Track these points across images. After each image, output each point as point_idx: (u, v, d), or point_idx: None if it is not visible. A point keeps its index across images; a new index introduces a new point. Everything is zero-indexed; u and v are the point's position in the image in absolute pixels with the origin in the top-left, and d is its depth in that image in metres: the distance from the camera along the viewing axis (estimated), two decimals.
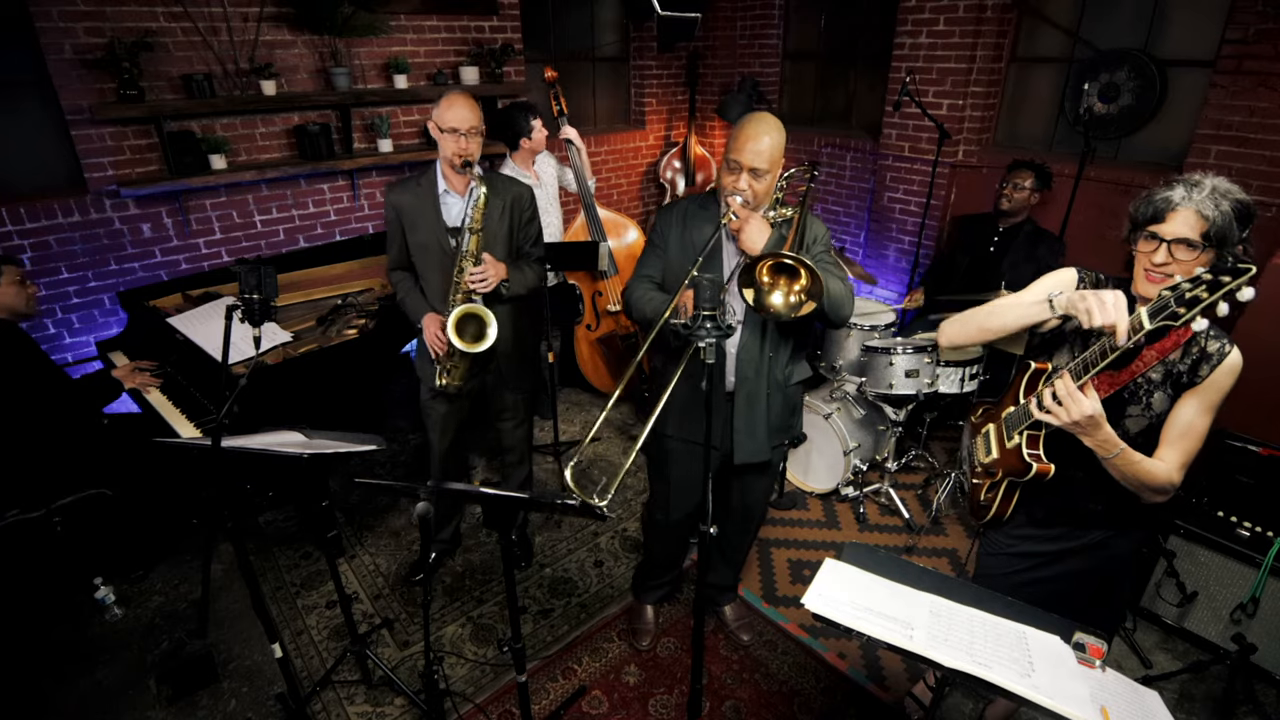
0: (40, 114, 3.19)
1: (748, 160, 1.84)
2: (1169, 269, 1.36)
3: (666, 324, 1.79)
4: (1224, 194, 1.33)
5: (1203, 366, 1.40)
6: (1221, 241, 1.32)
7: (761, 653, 2.51)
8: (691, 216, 2.03)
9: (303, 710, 2.14)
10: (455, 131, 2.18)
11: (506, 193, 2.37)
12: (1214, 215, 1.31)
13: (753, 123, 1.87)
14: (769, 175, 1.88)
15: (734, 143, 1.87)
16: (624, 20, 5.17)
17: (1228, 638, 2.36)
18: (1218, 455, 2.52)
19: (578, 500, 1.47)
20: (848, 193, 4.88)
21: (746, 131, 1.86)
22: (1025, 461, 1.56)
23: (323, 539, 2.36)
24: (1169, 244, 1.35)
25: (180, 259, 3.62)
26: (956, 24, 3.92)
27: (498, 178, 2.39)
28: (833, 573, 1.36)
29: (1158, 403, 1.46)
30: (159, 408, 2.74)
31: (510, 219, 2.38)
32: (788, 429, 2.21)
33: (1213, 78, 3.14)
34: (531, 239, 2.49)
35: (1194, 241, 1.33)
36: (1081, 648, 1.23)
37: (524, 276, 2.42)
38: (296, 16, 3.57)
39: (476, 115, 2.20)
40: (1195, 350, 1.41)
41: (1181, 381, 1.43)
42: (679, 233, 2.04)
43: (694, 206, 2.05)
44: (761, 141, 1.84)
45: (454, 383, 2.38)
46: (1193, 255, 1.34)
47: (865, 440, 3.30)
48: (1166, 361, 1.43)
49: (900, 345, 3.07)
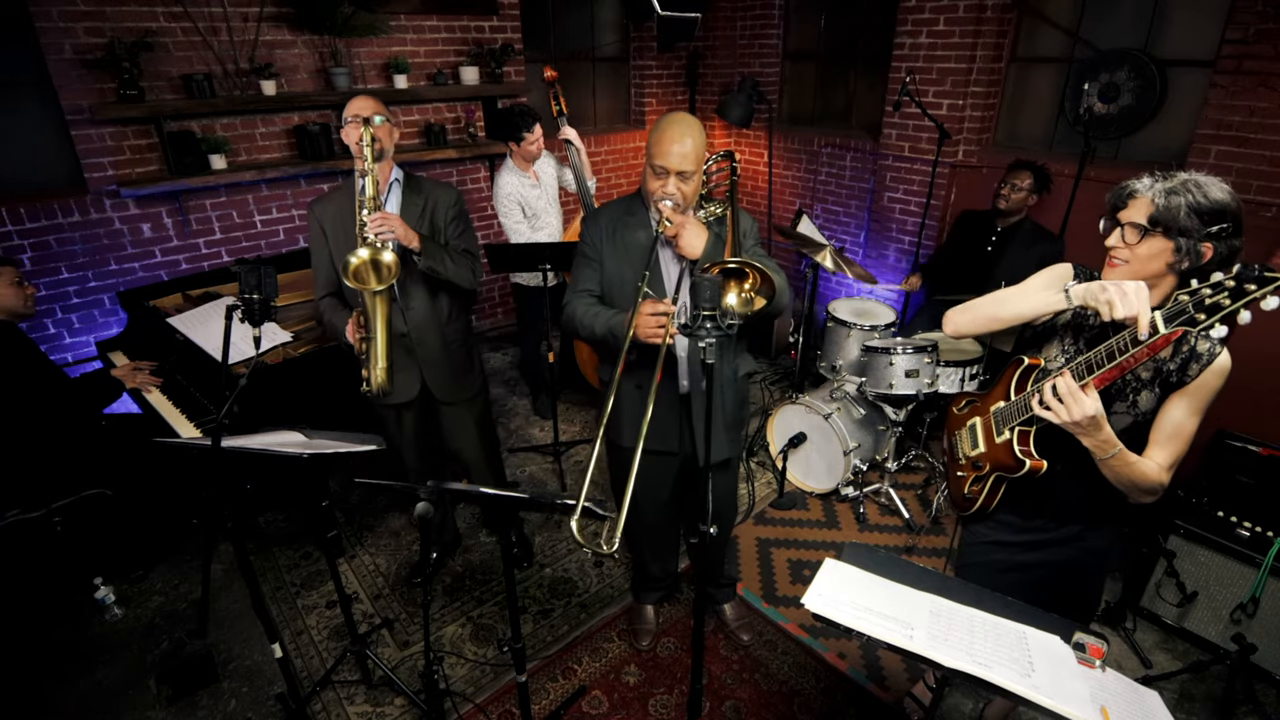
0: (40, 114, 3.19)
1: (674, 164, 1.81)
2: (1121, 253, 1.40)
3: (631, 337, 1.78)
4: (1194, 186, 1.34)
5: (1192, 365, 1.40)
6: (1168, 228, 1.33)
7: (761, 653, 2.51)
8: (620, 224, 1.99)
9: (303, 710, 2.14)
10: (359, 121, 2.09)
11: (430, 194, 2.29)
12: (1161, 204, 1.34)
13: (674, 125, 1.83)
14: (695, 176, 1.87)
15: (657, 147, 1.83)
16: (624, 20, 5.17)
17: (1228, 638, 2.36)
18: (1218, 455, 2.52)
19: (578, 505, 1.47)
20: (848, 193, 4.88)
21: (669, 134, 1.82)
22: (1017, 458, 1.56)
23: (323, 539, 2.35)
24: (1122, 227, 1.40)
25: (180, 259, 3.62)
26: (956, 24, 3.92)
27: (424, 181, 2.33)
28: (833, 573, 1.36)
29: (1144, 401, 1.46)
30: (159, 408, 2.74)
31: (431, 220, 2.28)
32: (741, 423, 2.23)
33: (1213, 78, 3.14)
34: (457, 234, 2.35)
35: (1140, 224, 1.36)
36: (1081, 648, 1.23)
37: (445, 257, 2.22)
38: (296, 16, 3.57)
39: (373, 105, 2.13)
40: (1185, 349, 1.41)
41: (1170, 381, 1.42)
42: (611, 243, 2.00)
43: (619, 213, 2.01)
44: (685, 144, 1.81)
45: (381, 382, 2.19)
46: (1136, 238, 1.37)
47: (865, 440, 3.30)
48: (1157, 359, 1.43)
49: (900, 345, 3.07)
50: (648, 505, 2.25)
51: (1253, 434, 2.49)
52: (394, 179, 2.26)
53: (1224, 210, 1.32)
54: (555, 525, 3.18)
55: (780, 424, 3.46)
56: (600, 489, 3.46)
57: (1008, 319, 1.59)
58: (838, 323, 3.42)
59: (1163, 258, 1.36)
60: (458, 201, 2.36)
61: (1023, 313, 1.56)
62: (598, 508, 1.46)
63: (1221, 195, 1.33)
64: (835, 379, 3.41)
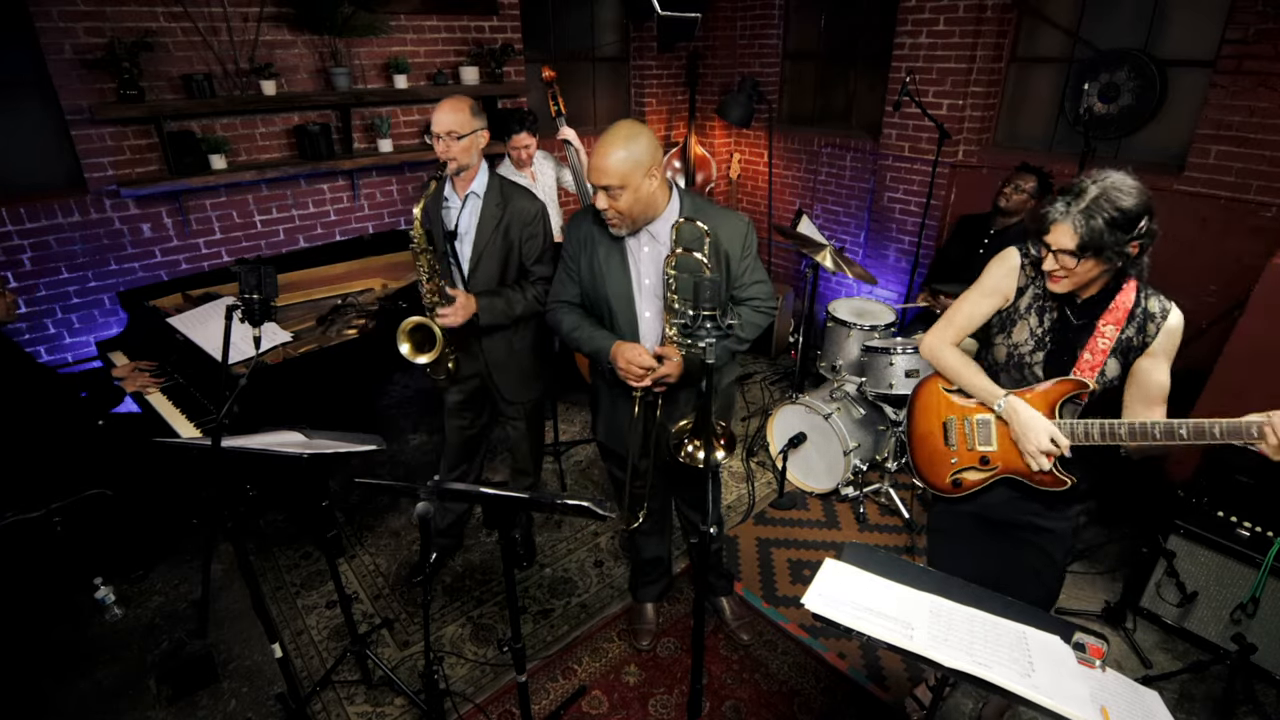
0: (40, 114, 3.19)
1: (597, 179, 1.76)
2: (1060, 273, 1.51)
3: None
4: (1105, 203, 1.42)
5: (1150, 325, 1.51)
6: (1097, 250, 1.44)
7: (761, 653, 2.51)
8: (596, 241, 1.96)
9: (303, 710, 2.14)
10: (435, 135, 2.18)
11: (512, 207, 2.29)
12: (1084, 230, 1.43)
13: (603, 138, 1.76)
14: (626, 190, 1.76)
15: (590, 161, 1.80)
16: (624, 20, 5.17)
17: (1228, 638, 2.36)
18: (1218, 455, 2.52)
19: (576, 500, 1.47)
20: (848, 193, 4.88)
21: (596, 149, 1.76)
22: (1056, 477, 1.61)
23: (323, 539, 2.35)
24: (1054, 253, 1.49)
25: (180, 259, 3.62)
26: (956, 24, 3.92)
27: (511, 191, 2.32)
28: (833, 573, 1.36)
29: (1110, 369, 1.57)
30: (159, 408, 2.74)
31: (508, 234, 2.30)
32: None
33: (1213, 78, 3.14)
34: (534, 256, 2.36)
35: (1071, 251, 1.46)
36: (1081, 648, 1.23)
37: (503, 304, 2.29)
38: (296, 16, 3.57)
39: (451, 119, 2.15)
40: (1139, 314, 1.52)
41: (1133, 344, 1.53)
42: (586, 258, 1.98)
43: (596, 229, 1.96)
44: (608, 158, 1.73)
45: (438, 377, 2.38)
46: (1074, 263, 1.47)
47: (865, 440, 3.30)
48: (1121, 330, 1.55)
49: (900, 345, 3.08)
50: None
51: None
52: (471, 191, 2.27)
53: (1139, 214, 1.42)
54: (555, 525, 3.18)
55: (780, 424, 3.46)
56: (600, 489, 3.46)
57: (959, 385, 1.77)
58: (838, 323, 3.42)
59: (1099, 267, 1.49)
60: (536, 217, 2.32)
61: (969, 389, 1.74)
62: (598, 508, 1.46)
63: (1132, 202, 1.42)
64: (835, 379, 3.41)
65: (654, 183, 1.81)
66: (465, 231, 2.30)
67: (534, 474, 2.80)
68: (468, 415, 2.61)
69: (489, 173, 2.31)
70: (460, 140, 2.16)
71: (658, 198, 1.85)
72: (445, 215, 2.31)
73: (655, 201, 1.85)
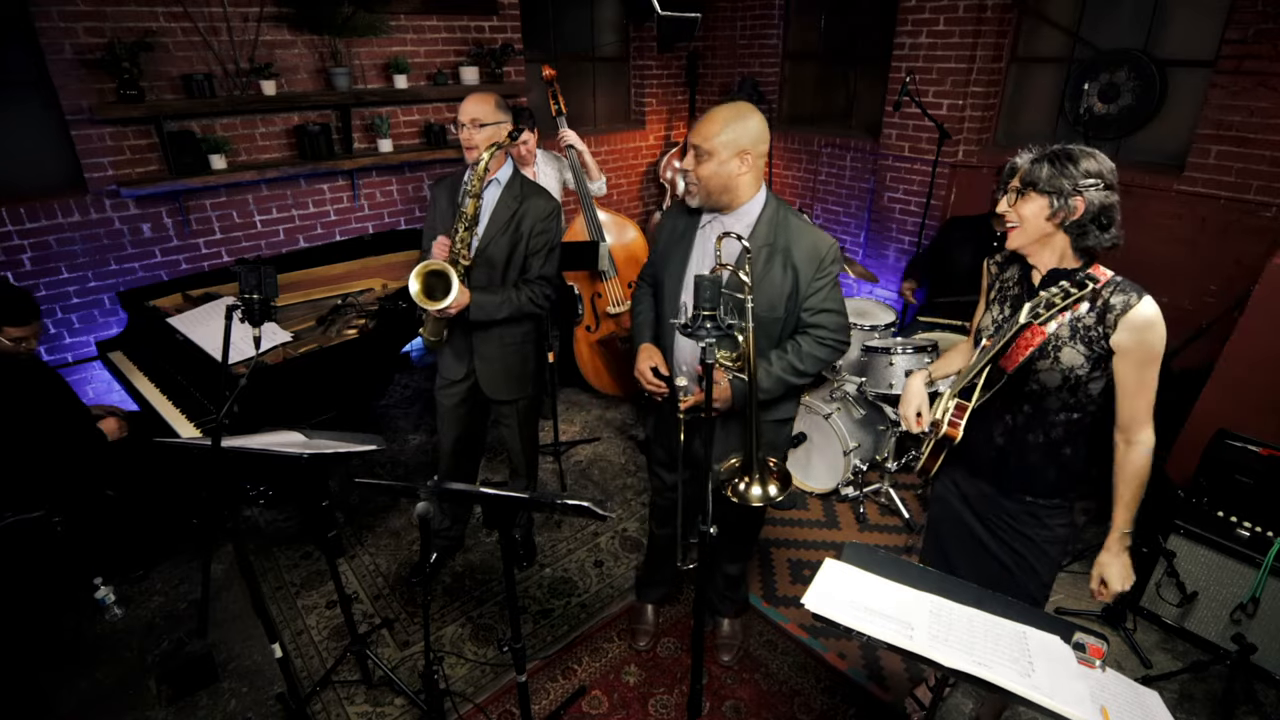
0: (40, 114, 3.19)
1: (693, 138, 1.82)
2: (1010, 217, 1.56)
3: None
4: (1058, 152, 1.49)
5: (1107, 316, 1.49)
6: (1036, 185, 1.49)
7: (761, 653, 2.51)
8: (676, 219, 2.03)
9: (303, 710, 2.14)
10: (460, 124, 2.28)
11: (527, 202, 2.33)
12: (1029, 169, 1.51)
13: (719, 106, 1.82)
14: (712, 159, 1.79)
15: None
16: (624, 20, 5.17)
17: (1228, 638, 2.36)
18: (1218, 455, 2.52)
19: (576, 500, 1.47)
20: (848, 193, 4.88)
21: (707, 113, 1.83)
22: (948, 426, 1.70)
23: (323, 539, 2.35)
24: (1005, 195, 1.58)
25: (180, 259, 3.62)
26: (956, 24, 3.92)
27: (529, 186, 2.36)
28: (833, 573, 1.36)
29: (1066, 357, 1.54)
30: (159, 407, 2.74)
31: (519, 227, 2.32)
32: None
33: (1213, 78, 3.14)
34: (538, 252, 2.37)
35: (1015, 187, 1.54)
36: (1081, 648, 1.23)
37: (495, 302, 2.31)
38: (296, 16, 3.57)
39: (476, 108, 2.24)
40: (1099, 303, 1.50)
41: (1093, 334, 1.51)
42: (665, 234, 2.07)
43: (685, 217, 2.00)
44: (710, 122, 1.79)
45: (429, 335, 2.42)
46: (1014, 199, 1.54)
47: (865, 440, 3.30)
48: (1073, 318, 1.53)
49: (900, 345, 3.08)
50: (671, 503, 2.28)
51: (1253, 434, 2.49)
52: (495, 179, 2.33)
53: (1088, 170, 1.46)
54: (555, 525, 3.18)
55: None
56: (600, 489, 3.46)
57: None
58: None
59: (1043, 213, 1.50)
60: (550, 215, 2.35)
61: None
62: (598, 508, 1.46)
63: (1087, 158, 1.47)
64: (835, 379, 3.41)
65: (742, 167, 1.79)
66: (481, 215, 2.32)
67: (526, 475, 2.77)
68: (464, 417, 2.61)
69: (514, 168, 2.36)
70: (484, 129, 2.23)
71: (740, 184, 1.82)
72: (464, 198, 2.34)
73: (736, 187, 1.83)
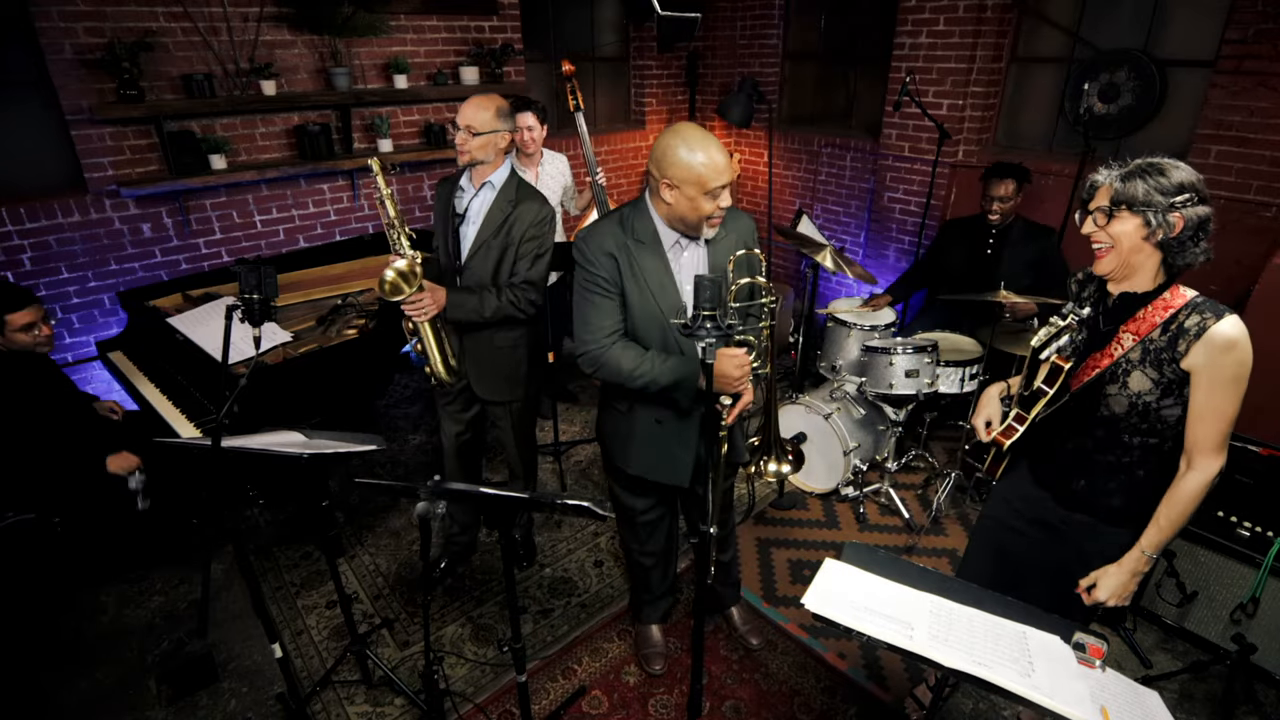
0: (40, 114, 3.19)
1: (729, 177, 1.72)
2: (1101, 239, 1.48)
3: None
4: (1146, 165, 1.43)
5: (1180, 341, 1.44)
6: (1130, 204, 1.42)
7: (761, 653, 2.51)
8: (632, 254, 1.79)
9: (303, 710, 2.14)
10: (456, 127, 2.28)
11: (520, 206, 2.30)
12: (1119, 186, 1.43)
13: (710, 139, 1.68)
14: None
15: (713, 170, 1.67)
16: (624, 20, 5.17)
17: (1228, 638, 2.36)
18: None
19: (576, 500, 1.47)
20: (848, 193, 4.88)
21: (718, 152, 1.68)
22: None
23: (323, 539, 2.35)
24: (1092, 214, 1.50)
25: (180, 259, 3.62)
26: (956, 24, 3.92)
27: (524, 190, 2.34)
28: (833, 573, 1.36)
29: (1135, 382, 1.50)
30: (159, 407, 2.74)
31: (510, 231, 2.30)
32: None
33: (1213, 78, 3.14)
34: (525, 256, 2.32)
35: (1104, 207, 1.46)
36: (1081, 648, 1.23)
37: (475, 303, 2.26)
38: (296, 16, 3.57)
39: (472, 115, 2.22)
40: (1173, 327, 1.45)
41: (1163, 358, 1.46)
42: (628, 275, 1.79)
43: (629, 241, 1.79)
44: (727, 156, 1.70)
45: (441, 374, 2.40)
46: (1105, 219, 1.46)
47: (865, 440, 3.30)
48: (1145, 341, 1.48)
49: (900, 345, 3.07)
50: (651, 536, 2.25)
51: (1253, 434, 2.48)
52: (488, 181, 2.31)
53: (1181, 183, 1.40)
54: (555, 525, 3.18)
55: (780, 424, 3.45)
56: (600, 489, 3.46)
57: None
58: (838, 323, 3.42)
59: (1137, 233, 1.43)
60: (541, 221, 2.31)
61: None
62: (598, 508, 1.46)
63: (1177, 170, 1.41)
64: (835, 379, 3.41)
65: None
66: (473, 218, 2.33)
67: (524, 477, 2.74)
68: (462, 419, 2.60)
69: (511, 171, 2.35)
70: (476, 137, 2.22)
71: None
72: (458, 200, 2.35)
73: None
